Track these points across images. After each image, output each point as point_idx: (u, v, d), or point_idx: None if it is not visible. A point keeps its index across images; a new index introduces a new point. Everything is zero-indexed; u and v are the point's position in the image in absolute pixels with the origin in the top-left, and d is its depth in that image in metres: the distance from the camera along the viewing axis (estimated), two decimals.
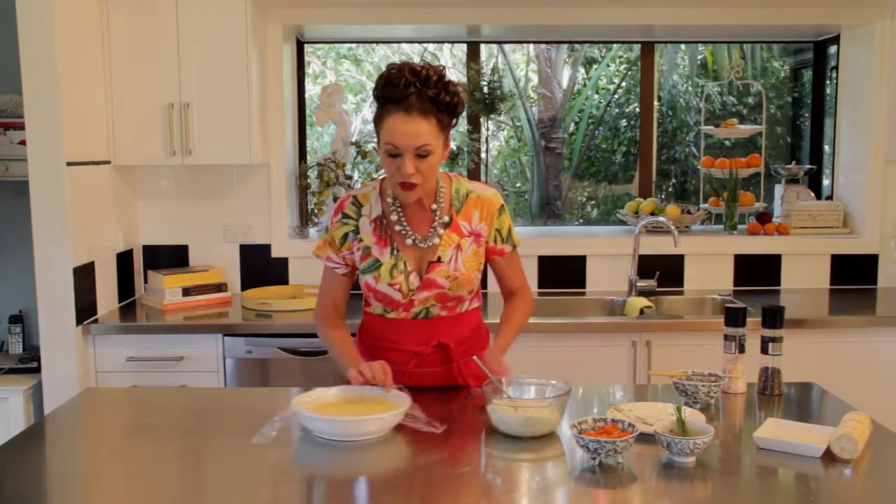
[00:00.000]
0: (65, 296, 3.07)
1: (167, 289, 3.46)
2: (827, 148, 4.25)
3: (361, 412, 1.94)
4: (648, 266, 3.74)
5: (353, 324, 2.29)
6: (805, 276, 3.85)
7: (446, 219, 2.14)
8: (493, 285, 2.43)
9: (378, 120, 2.02)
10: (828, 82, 4.23)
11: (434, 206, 2.13)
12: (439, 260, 2.12)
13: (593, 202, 7.19)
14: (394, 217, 2.13)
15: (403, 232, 2.13)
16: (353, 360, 2.11)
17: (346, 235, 2.18)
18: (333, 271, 2.24)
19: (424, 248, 2.13)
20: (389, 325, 2.20)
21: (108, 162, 3.40)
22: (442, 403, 2.11)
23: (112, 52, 3.35)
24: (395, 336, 2.19)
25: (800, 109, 4.82)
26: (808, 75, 4.60)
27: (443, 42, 6.65)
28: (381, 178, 2.21)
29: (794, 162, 4.35)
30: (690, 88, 6.83)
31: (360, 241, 2.16)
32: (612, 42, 6.26)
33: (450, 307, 2.18)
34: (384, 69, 2.03)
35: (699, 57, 6.73)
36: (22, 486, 1.69)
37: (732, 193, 3.94)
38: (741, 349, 2.22)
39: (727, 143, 5.87)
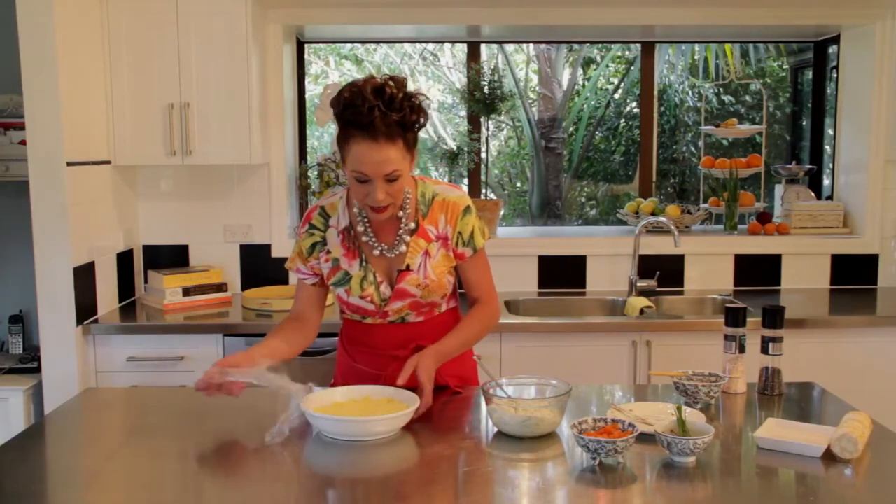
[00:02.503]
0: (65, 296, 3.07)
1: (167, 289, 3.46)
2: (827, 148, 4.25)
3: (370, 412, 1.94)
4: (648, 266, 3.74)
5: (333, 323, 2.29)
6: (805, 276, 3.85)
7: (412, 225, 2.09)
8: None
9: (342, 141, 1.93)
10: (828, 82, 4.23)
11: (400, 214, 2.07)
12: (408, 268, 2.08)
13: (593, 202, 7.19)
14: (360, 228, 2.09)
15: (370, 242, 2.09)
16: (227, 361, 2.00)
17: (313, 246, 2.14)
18: (303, 282, 2.21)
19: (392, 258, 2.09)
20: (368, 330, 2.18)
21: (108, 162, 3.40)
22: (448, 401, 2.11)
23: (112, 52, 3.35)
24: (373, 341, 2.17)
25: (800, 109, 4.82)
26: (808, 75, 4.60)
27: (443, 42, 6.66)
28: (346, 187, 2.14)
29: (794, 162, 4.35)
30: (688, 88, 6.83)
31: (329, 252, 2.12)
32: (612, 42, 6.26)
33: (425, 312, 2.16)
34: (345, 87, 1.91)
35: (696, 57, 6.72)
36: (22, 486, 1.69)
37: (732, 193, 3.94)
38: (741, 349, 2.22)
39: (725, 142, 5.87)
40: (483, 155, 4.08)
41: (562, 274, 3.84)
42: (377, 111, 1.85)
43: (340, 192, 2.16)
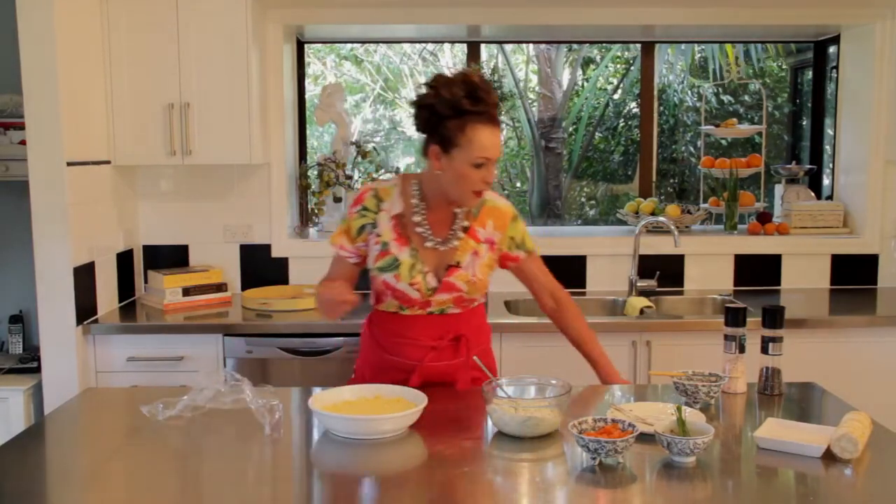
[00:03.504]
0: (65, 296, 3.07)
1: (167, 289, 3.46)
2: (827, 148, 4.26)
3: (381, 411, 1.95)
4: (648, 266, 3.74)
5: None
6: (805, 276, 3.85)
7: (465, 223, 2.21)
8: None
9: (455, 133, 2.04)
10: (828, 82, 4.23)
11: (457, 211, 2.20)
12: (458, 265, 2.18)
13: (593, 202, 7.19)
14: (417, 218, 2.17)
15: (424, 234, 2.17)
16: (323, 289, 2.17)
17: (363, 227, 2.20)
18: (345, 259, 2.26)
19: (443, 251, 2.19)
20: (404, 320, 2.23)
21: (108, 162, 3.40)
22: (448, 401, 2.11)
23: (112, 52, 3.34)
24: (410, 332, 2.22)
25: (800, 109, 4.82)
26: (808, 75, 4.60)
27: (443, 42, 6.65)
28: (401, 175, 2.27)
29: (794, 162, 4.35)
30: (687, 88, 6.83)
31: (378, 236, 2.18)
32: (612, 42, 6.26)
33: (464, 306, 2.26)
34: (453, 78, 2.06)
35: (697, 57, 6.72)
36: (22, 486, 1.69)
37: (732, 193, 3.94)
38: (741, 349, 2.22)
39: (724, 143, 5.87)
40: None
41: (562, 274, 3.77)
42: (484, 101, 2.04)
43: (394, 178, 2.24)
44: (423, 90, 2.10)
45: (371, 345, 2.31)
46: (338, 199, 3.86)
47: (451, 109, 2.03)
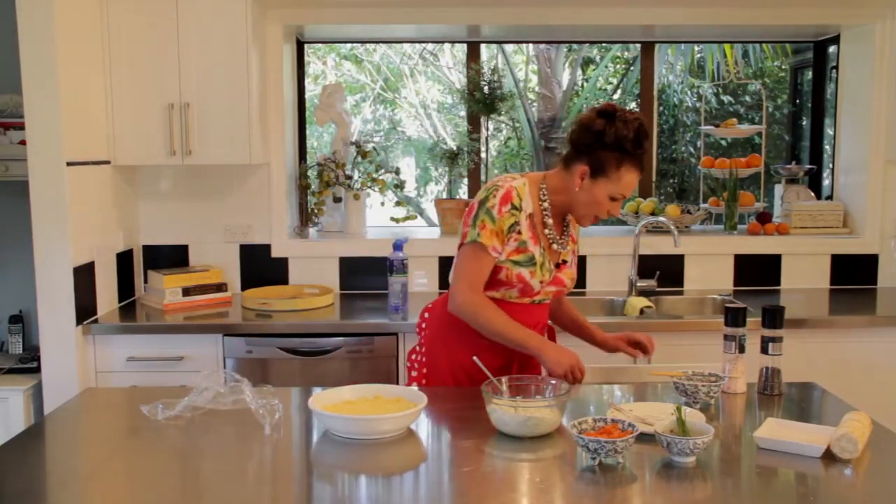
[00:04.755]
0: (65, 296, 3.07)
1: (167, 289, 3.46)
2: (827, 148, 4.26)
3: (380, 411, 1.95)
4: (648, 266, 3.74)
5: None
6: (805, 276, 3.85)
7: (572, 229, 2.42)
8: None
9: (610, 164, 2.20)
10: (828, 82, 4.23)
11: (567, 217, 2.40)
12: (565, 262, 2.38)
13: None
14: (548, 220, 2.32)
15: (551, 236, 2.33)
16: (543, 342, 2.30)
17: (512, 226, 2.26)
18: (492, 258, 2.28)
19: (556, 251, 2.35)
20: (510, 307, 2.31)
21: (108, 162, 3.40)
22: (448, 401, 2.11)
23: (112, 52, 3.35)
24: (515, 316, 2.30)
25: (800, 109, 4.83)
26: (807, 75, 4.60)
27: (443, 42, 6.66)
28: (526, 175, 2.35)
29: (793, 162, 4.35)
30: (686, 88, 6.83)
31: (519, 233, 2.27)
32: (612, 42, 6.27)
33: (553, 298, 2.44)
34: (628, 116, 2.20)
35: (696, 57, 6.72)
36: (22, 486, 1.69)
37: (732, 193, 3.94)
38: (741, 349, 2.22)
39: (723, 143, 5.87)
40: (483, 155, 4.08)
41: None
42: (646, 148, 2.23)
43: (521, 178, 2.32)
44: (594, 115, 2.23)
45: (457, 331, 2.32)
46: (337, 199, 3.86)
47: (616, 144, 2.18)
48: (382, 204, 3.95)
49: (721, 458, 1.81)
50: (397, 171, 4.02)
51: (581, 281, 3.82)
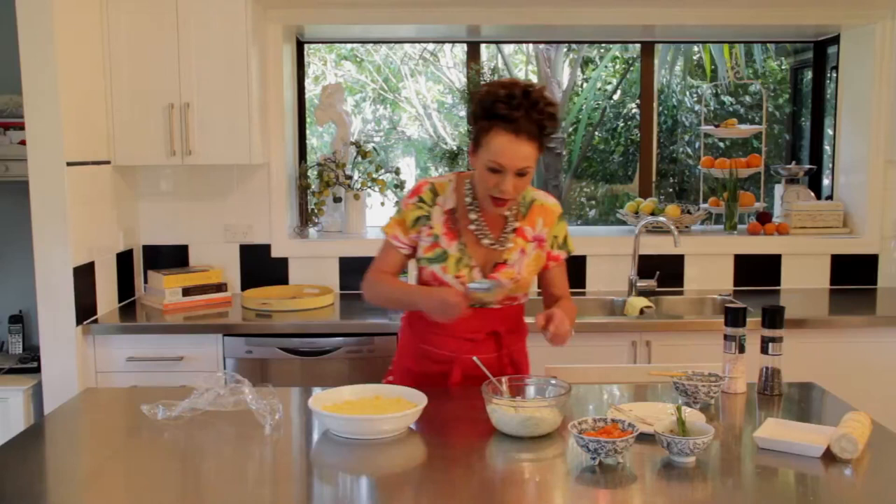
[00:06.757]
0: (65, 296, 3.07)
1: (167, 289, 3.46)
2: (827, 148, 4.26)
3: (380, 411, 1.95)
4: (648, 266, 3.74)
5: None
6: (805, 276, 3.85)
7: (516, 224, 2.25)
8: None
9: (482, 132, 2.08)
10: (828, 82, 4.23)
11: (507, 213, 2.23)
12: (505, 262, 2.23)
13: (593, 202, 7.19)
14: (472, 216, 2.22)
15: (479, 232, 2.22)
16: (424, 294, 2.17)
17: (418, 219, 2.24)
18: (397, 249, 2.29)
19: (493, 250, 2.23)
20: None
21: (108, 162, 3.40)
22: (448, 401, 2.11)
23: (112, 52, 3.34)
24: (450, 324, 2.22)
25: (800, 109, 4.82)
26: (808, 75, 4.60)
27: (443, 42, 6.66)
28: (456, 172, 2.32)
29: (793, 162, 4.35)
30: (686, 88, 6.83)
31: (431, 228, 2.23)
32: (612, 42, 6.26)
33: (505, 303, 2.29)
34: (493, 83, 2.10)
35: (696, 57, 6.72)
36: (22, 486, 1.69)
37: (732, 193, 3.94)
38: (741, 349, 2.22)
39: (723, 143, 5.87)
40: None
41: None
42: (523, 110, 2.02)
43: (450, 175, 2.30)
44: (483, 87, 2.16)
45: (410, 335, 2.34)
46: (337, 199, 3.86)
47: (485, 109, 2.07)
48: (382, 204, 3.95)
49: (721, 458, 1.81)
50: (397, 172, 4.02)
51: (581, 281, 3.82)
